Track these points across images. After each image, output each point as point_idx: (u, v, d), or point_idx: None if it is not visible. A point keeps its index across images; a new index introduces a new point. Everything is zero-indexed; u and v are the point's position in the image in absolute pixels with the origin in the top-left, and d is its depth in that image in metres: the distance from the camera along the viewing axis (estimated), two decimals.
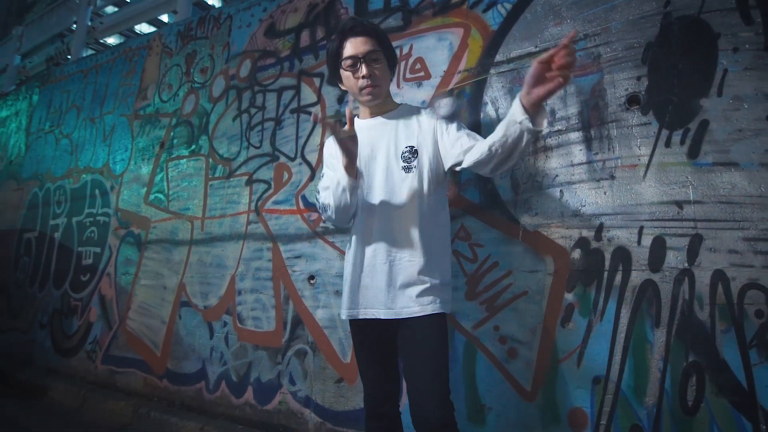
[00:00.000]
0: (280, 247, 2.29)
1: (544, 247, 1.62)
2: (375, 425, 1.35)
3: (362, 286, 1.31)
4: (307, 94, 2.38)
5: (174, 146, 2.95)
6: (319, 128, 2.29)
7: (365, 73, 1.32)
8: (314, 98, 2.35)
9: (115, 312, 2.97)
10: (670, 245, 1.42)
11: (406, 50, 2.06)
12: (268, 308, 2.27)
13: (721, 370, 1.30)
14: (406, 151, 1.35)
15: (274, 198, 2.38)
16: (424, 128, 1.38)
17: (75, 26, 4.84)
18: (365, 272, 1.31)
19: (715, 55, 1.43)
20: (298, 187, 2.30)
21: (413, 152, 1.35)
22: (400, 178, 1.33)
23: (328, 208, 1.33)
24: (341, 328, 2.02)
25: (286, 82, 2.48)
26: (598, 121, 1.59)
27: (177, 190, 2.86)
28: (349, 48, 1.34)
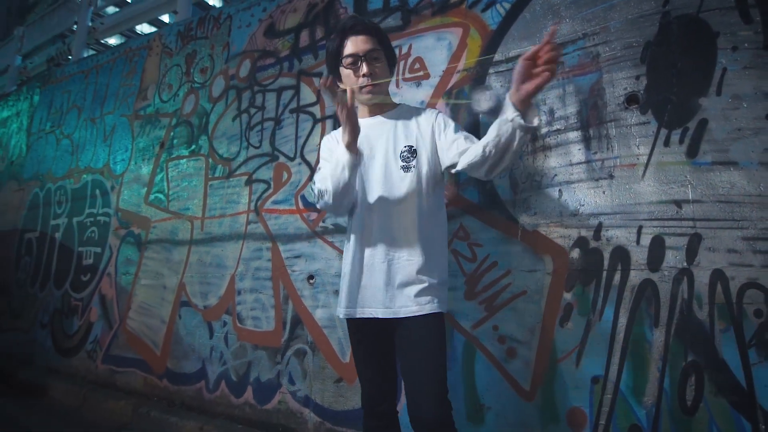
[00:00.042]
0: (279, 247, 2.30)
1: (543, 246, 1.62)
2: (372, 425, 1.35)
3: (360, 286, 1.31)
4: (307, 94, 2.39)
5: (174, 146, 2.96)
6: (319, 128, 2.29)
7: (366, 71, 1.32)
8: (313, 98, 2.36)
9: (115, 312, 2.98)
10: (669, 245, 1.41)
11: (405, 50, 2.06)
12: (267, 308, 2.28)
13: (720, 370, 1.30)
14: (405, 151, 1.35)
15: (274, 198, 2.38)
16: (423, 128, 1.38)
17: (76, 27, 4.85)
18: (363, 271, 1.31)
19: (714, 53, 1.43)
20: (297, 187, 2.30)
21: (412, 152, 1.35)
22: (399, 178, 1.33)
23: (325, 193, 1.30)
24: (340, 327, 2.02)
25: (285, 82, 2.48)
26: (597, 120, 1.59)
27: (177, 190, 2.86)
28: (350, 46, 1.34)
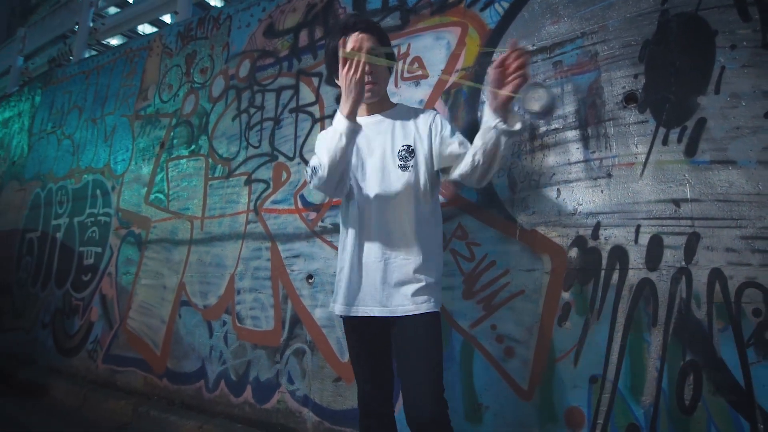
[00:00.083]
0: (278, 247, 2.30)
1: (541, 245, 1.61)
2: (369, 424, 1.35)
3: (357, 284, 1.30)
4: (306, 94, 2.39)
5: (174, 146, 2.97)
6: (318, 128, 2.29)
7: (366, 69, 1.31)
8: (313, 98, 2.36)
9: (116, 311, 2.98)
10: (668, 244, 1.41)
11: (404, 49, 2.06)
12: (266, 307, 2.28)
13: (719, 369, 1.29)
14: (403, 150, 1.35)
15: (273, 197, 2.38)
16: (421, 128, 1.38)
17: (77, 27, 4.87)
18: (360, 269, 1.31)
19: (713, 52, 1.43)
20: (296, 186, 2.31)
21: (410, 151, 1.35)
22: (397, 177, 1.33)
23: (319, 167, 1.26)
24: (339, 327, 2.02)
25: (284, 82, 2.49)
26: (595, 119, 1.59)
27: (177, 190, 2.87)
28: (351, 45, 1.33)
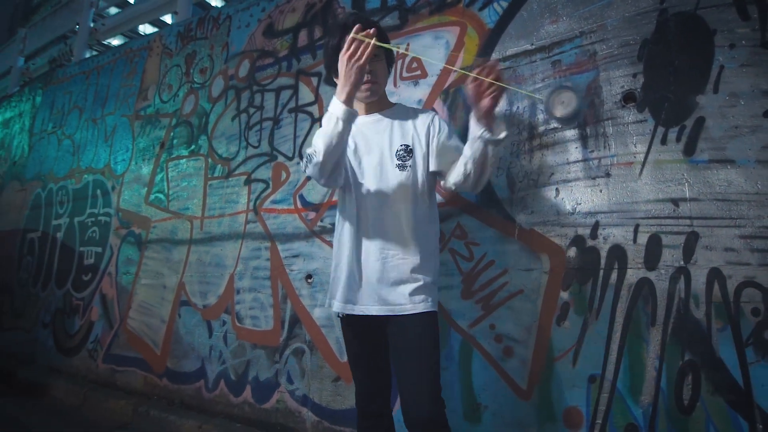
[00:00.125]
0: (278, 246, 2.30)
1: (540, 245, 1.61)
2: (366, 424, 1.35)
3: (354, 282, 1.30)
4: (305, 94, 2.39)
5: (174, 146, 2.97)
6: (317, 128, 2.28)
7: (366, 67, 1.31)
8: (312, 98, 2.36)
9: (116, 311, 2.99)
10: (666, 243, 1.41)
11: (402, 49, 2.06)
12: (266, 307, 2.28)
13: (717, 369, 1.29)
14: (401, 150, 1.35)
15: (272, 197, 2.38)
16: (419, 129, 1.38)
17: (78, 28, 4.88)
18: (357, 268, 1.31)
19: (712, 51, 1.42)
20: (295, 186, 2.31)
21: (408, 151, 1.35)
22: (394, 176, 1.32)
23: (314, 154, 1.23)
24: (338, 326, 2.00)
25: (284, 82, 2.49)
26: (594, 118, 1.59)
27: (177, 190, 2.87)
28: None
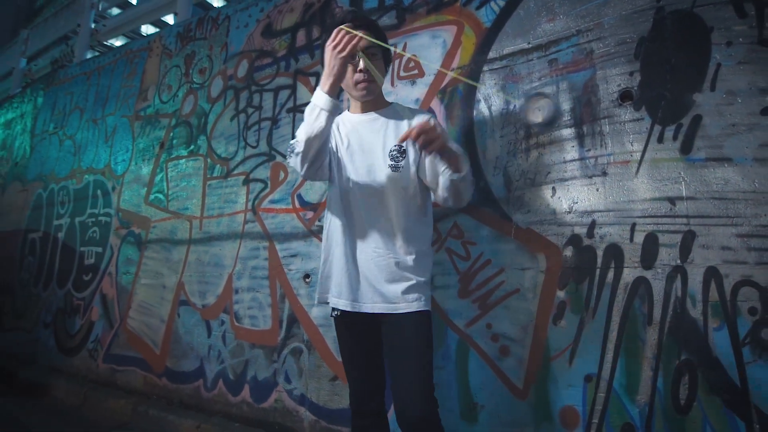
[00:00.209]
0: (276, 246, 2.30)
1: (537, 244, 1.61)
2: (360, 423, 1.35)
3: (347, 280, 1.30)
4: (303, 94, 2.39)
5: (173, 146, 2.98)
6: None
7: (362, 66, 1.30)
8: (310, 97, 2.34)
9: (116, 311, 3.00)
10: (663, 242, 1.40)
11: (400, 48, 2.06)
12: (264, 307, 2.28)
13: (714, 369, 1.28)
14: (395, 150, 1.34)
15: (271, 197, 2.39)
16: None
17: (79, 28, 4.90)
18: (353, 267, 1.31)
19: (709, 49, 1.42)
20: (294, 186, 2.31)
21: (401, 152, 1.34)
22: (387, 176, 1.32)
23: (297, 144, 1.27)
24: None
25: (282, 82, 2.49)
26: (591, 117, 1.58)
27: (176, 190, 2.88)
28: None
